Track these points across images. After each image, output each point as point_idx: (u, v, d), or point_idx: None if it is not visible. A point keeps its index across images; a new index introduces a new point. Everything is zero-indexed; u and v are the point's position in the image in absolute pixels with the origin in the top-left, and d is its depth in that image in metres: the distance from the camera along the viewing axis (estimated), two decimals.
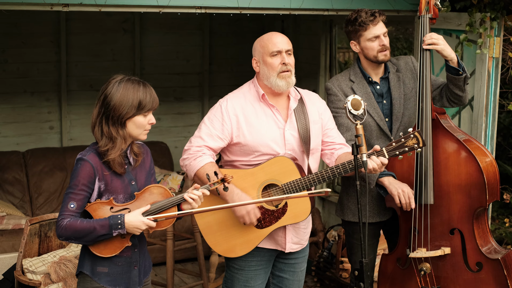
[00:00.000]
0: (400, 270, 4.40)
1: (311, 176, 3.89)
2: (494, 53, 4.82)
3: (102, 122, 3.39)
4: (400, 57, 4.54)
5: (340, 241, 5.71)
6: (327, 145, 4.14)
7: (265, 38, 4.00)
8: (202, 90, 7.75)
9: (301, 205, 3.94)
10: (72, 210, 3.35)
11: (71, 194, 3.36)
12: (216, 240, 4.00)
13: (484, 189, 4.10)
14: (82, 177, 3.35)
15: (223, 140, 3.95)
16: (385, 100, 4.39)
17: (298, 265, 4.19)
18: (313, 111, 4.08)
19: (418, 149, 3.82)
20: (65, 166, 6.94)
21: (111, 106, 3.35)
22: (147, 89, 3.42)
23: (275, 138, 3.96)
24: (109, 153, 3.37)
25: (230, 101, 4.00)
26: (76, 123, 7.27)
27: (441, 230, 4.23)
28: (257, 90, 4.01)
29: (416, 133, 3.81)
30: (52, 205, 6.80)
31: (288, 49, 3.95)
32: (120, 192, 3.44)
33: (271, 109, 3.99)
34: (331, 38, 7.13)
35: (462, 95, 4.29)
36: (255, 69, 4.02)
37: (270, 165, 3.93)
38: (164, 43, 7.55)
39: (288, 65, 3.92)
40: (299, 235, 4.11)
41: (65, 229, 3.33)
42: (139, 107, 3.37)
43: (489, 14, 4.75)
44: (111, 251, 3.40)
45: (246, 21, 7.70)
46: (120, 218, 3.33)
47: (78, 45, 7.18)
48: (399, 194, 4.14)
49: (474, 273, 4.18)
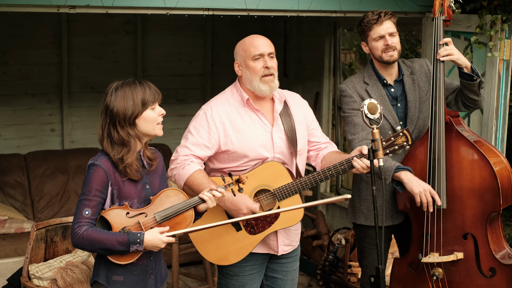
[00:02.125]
0: (412, 274, 4.35)
1: (302, 179, 3.86)
2: (504, 55, 4.78)
3: (110, 131, 3.35)
4: (415, 60, 4.50)
5: (348, 245, 5.66)
6: (312, 146, 4.12)
7: (247, 42, 3.95)
8: (204, 92, 7.70)
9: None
10: (87, 217, 3.29)
11: (84, 201, 3.30)
12: (208, 249, 3.94)
13: (498, 193, 4.05)
14: (95, 182, 3.30)
15: (210, 148, 3.87)
16: (400, 103, 4.35)
17: (290, 265, 4.15)
18: (297, 112, 4.05)
19: (407, 146, 3.82)
20: (66, 169, 6.87)
21: (115, 113, 3.32)
22: (144, 84, 3.39)
23: (264, 143, 3.91)
24: (125, 158, 3.33)
25: (214, 108, 3.91)
26: (78, 125, 7.21)
27: (454, 235, 4.18)
28: (240, 95, 3.95)
29: (405, 131, 3.81)
30: (54, 208, 6.74)
31: (270, 52, 3.90)
32: (134, 197, 3.39)
33: (256, 114, 3.93)
34: (335, 39, 7.08)
35: (478, 99, 4.25)
36: (238, 73, 3.97)
37: (261, 171, 3.88)
38: (166, 44, 7.49)
39: (271, 69, 3.86)
40: (290, 236, 4.08)
41: (82, 238, 3.27)
42: (143, 103, 3.34)
43: (500, 16, 4.71)
44: (128, 258, 3.34)
45: (248, 23, 7.65)
46: (139, 237, 3.28)
47: (79, 47, 7.12)
48: (420, 193, 4.06)
49: (487, 278, 4.14)
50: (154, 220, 3.37)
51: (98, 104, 7.14)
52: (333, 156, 3.98)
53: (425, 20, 5.34)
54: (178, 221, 3.42)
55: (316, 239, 6.61)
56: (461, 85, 4.25)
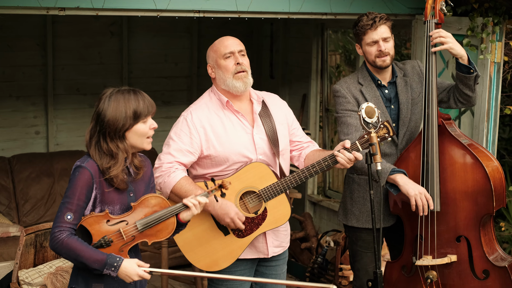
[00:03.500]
0: (405, 278, 4.35)
1: (288, 178, 3.86)
2: (496, 58, 4.79)
3: (99, 140, 3.28)
4: (407, 62, 4.49)
5: (339, 247, 5.65)
6: (294, 145, 4.12)
7: (216, 43, 3.99)
8: (190, 94, 7.66)
9: (281, 208, 3.90)
10: (69, 222, 3.21)
11: (68, 204, 3.22)
12: (197, 256, 3.91)
13: (491, 196, 4.06)
14: (80, 186, 3.22)
15: (193, 154, 3.85)
16: (393, 105, 4.34)
17: (279, 267, 4.14)
18: (277, 112, 4.05)
19: (389, 138, 3.81)
20: (52, 172, 6.80)
21: (105, 123, 3.24)
22: (139, 96, 3.30)
23: (245, 145, 3.90)
24: (111, 170, 3.25)
25: (194, 113, 3.90)
26: (63, 127, 7.14)
27: (447, 238, 4.18)
28: (219, 98, 3.94)
29: (386, 123, 3.80)
30: (39, 211, 6.66)
31: (240, 49, 3.92)
32: (116, 203, 3.31)
33: (236, 116, 3.92)
34: (323, 41, 7.07)
35: (472, 96, 4.25)
36: (211, 75, 3.97)
37: (245, 172, 3.87)
38: (152, 46, 7.44)
39: (242, 65, 3.87)
40: (279, 237, 4.06)
41: (61, 245, 3.18)
42: (135, 116, 3.26)
43: (492, 19, 4.72)
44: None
45: (234, 24, 7.61)
46: (118, 261, 3.19)
47: (64, 48, 7.05)
48: (416, 195, 4.06)
49: (481, 281, 4.14)
50: (136, 228, 3.30)
51: (84, 106, 7.19)
52: (316, 154, 3.99)
53: (415, 22, 5.34)
54: (160, 229, 3.35)
55: (304, 241, 6.60)
56: (456, 78, 4.23)
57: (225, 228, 3.87)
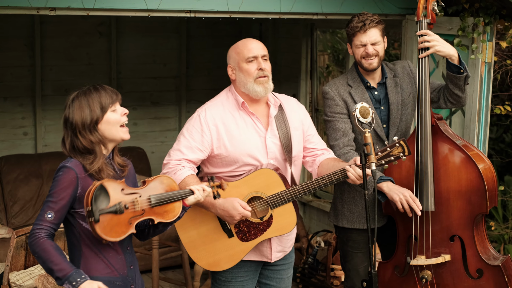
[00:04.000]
0: (397, 278, 4.35)
1: (296, 188, 3.83)
2: (486, 57, 4.80)
3: (74, 142, 3.26)
4: (397, 62, 4.49)
5: (330, 248, 5.64)
6: (309, 152, 4.08)
7: (240, 45, 3.92)
8: (179, 94, 7.63)
9: (286, 217, 3.88)
10: (49, 221, 3.18)
11: (50, 203, 3.20)
12: (200, 254, 3.90)
13: (484, 195, 4.07)
14: (64, 185, 3.19)
15: (203, 152, 3.85)
16: (383, 106, 4.34)
17: (284, 272, 4.13)
18: (293, 117, 4.01)
19: (404, 157, 3.78)
20: (40, 173, 6.75)
21: (74, 124, 3.25)
22: (100, 89, 3.30)
23: (257, 147, 3.87)
24: (92, 165, 3.23)
25: (209, 111, 3.89)
26: (51, 128, 7.09)
27: (441, 237, 4.19)
28: (235, 98, 3.91)
29: (402, 141, 3.77)
30: (28, 213, 6.61)
31: (263, 54, 3.88)
32: None
33: (251, 117, 3.90)
34: (312, 41, 7.07)
35: (462, 96, 4.25)
36: (231, 77, 3.93)
37: (254, 178, 3.85)
38: (141, 46, 7.40)
39: (265, 71, 3.84)
40: (282, 243, 4.05)
41: (37, 243, 3.15)
42: (101, 107, 3.26)
43: (483, 19, 4.73)
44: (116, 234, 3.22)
45: (223, 24, 7.60)
46: (80, 280, 3.10)
47: (53, 49, 6.99)
48: (401, 199, 4.07)
49: (475, 280, 4.15)
50: (149, 202, 3.28)
51: None
52: (330, 164, 3.94)
53: (405, 22, 5.35)
54: (167, 210, 3.34)
55: (294, 241, 6.58)
56: (447, 78, 4.23)
57: (230, 230, 3.87)
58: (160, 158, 7.51)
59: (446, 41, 4.28)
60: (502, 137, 8.35)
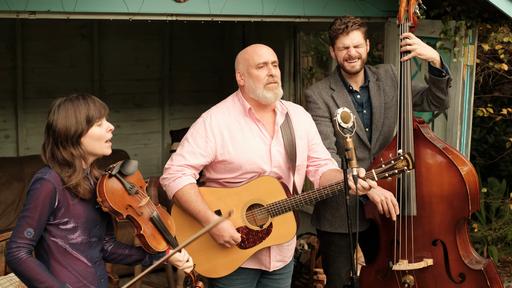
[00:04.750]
0: (380, 282, 4.34)
1: (297, 197, 3.80)
2: (468, 61, 4.80)
3: (53, 152, 3.14)
4: (380, 66, 4.48)
5: (314, 251, 5.63)
6: (312, 161, 4.04)
7: (250, 51, 3.87)
8: (162, 97, 7.59)
9: (286, 226, 3.85)
10: (29, 239, 3.05)
11: (28, 219, 3.05)
12: (198, 260, 3.86)
13: (466, 199, 4.07)
14: (42, 199, 3.06)
15: (206, 157, 3.82)
16: (365, 110, 4.33)
17: (282, 281, 4.10)
18: (299, 126, 3.97)
19: (408, 171, 3.75)
20: (22, 176, 6.70)
21: (56, 132, 3.12)
22: (89, 100, 3.18)
23: (261, 155, 3.83)
24: (71, 178, 3.12)
25: (214, 117, 3.84)
26: (33, 131, 7.03)
27: (423, 242, 4.18)
28: (242, 104, 3.87)
29: (406, 155, 3.74)
30: (9, 217, 6.55)
31: (274, 60, 3.85)
32: (82, 217, 3.19)
33: (257, 124, 3.86)
34: (295, 43, 7.05)
35: (445, 99, 4.25)
36: (239, 83, 3.87)
37: (255, 185, 3.82)
38: (123, 48, 7.36)
39: (275, 77, 3.80)
40: (282, 252, 4.02)
41: (19, 262, 3.04)
42: (87, 120, 3.15)
43: (464, 22, 4.73)
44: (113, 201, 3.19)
45: (206, 27, 7.57)
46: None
47: (34, 51, 6.93)
48: (382, 201, 4.06)
49: (457, 284, 4.15)
50: (151, 213, 3.29)
51: None
52: (332, 175, 3.90)
53: (388, 25, 5.34)
54: (156, 237, 3.32)
55: None
56: (429, 81, 4.23)
57: None
58: (143, 161, 7.47)
59: (429, 44, 4.29)
60: (486, 138, 8.37)
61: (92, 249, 3.26)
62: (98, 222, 3.26)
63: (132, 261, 3.42)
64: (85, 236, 3.21)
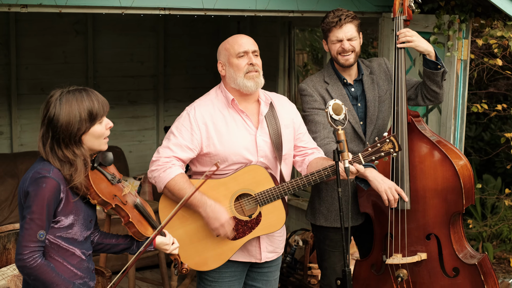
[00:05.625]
0: (374, 276, 4.32)
1: (285, 184, 3.78)
2: (462, 55, 4.79)
3: (53, 147, 3.04)
4: (373, 59, 4.47)
5: (308, 246, 5.61)
6: (299, 151, 4.02)
7: (230, 41, 3.87)
8: (157, 93, 7.57)
9: (276, 214, 3.82)
10: (42, 241, 2.99)
11: (37, 221, 2.97)
12: (187, 253, 3.83)
13: (460, 193, 4.05)
14: (48, 200, 2.97)
15: (192, 150, 3.79)
16: (360, 103, 4.31)
17: (271, 274, 4.08)
18: (284, 115, 3.95)
19: (394, 153, 3.74)
20: (16, 172, 6.67)
21: (58, 128, 3.01)
22: (92, 96, 3.08)
23: (247, 146, 3.82)
24: (74, 177, 3.04)
25: (198, 109, 3.83)
26: (27, 128, 7.01)
27: (417, 236, 4.16)
28: (225, 96, 3.86)
29: (392, 137, 3.72)
30: (3, 213, 6.53)
31: (254, 49, 3.84)
32: (80, 213, 3.14)
33: (240, 115, 3.84)
34: (290, 40, 7.04)
35: (439, 92, 4.23)
36: (221, 73, 3.87)
37: (242, 174, 3.79)
38: (118, 45, 7.33)
39: (255, 66, 3.80)
40: (274, 243, 3.99)
41: (36, 269, 2.98)
42: (90, 118, 3.05)
43: (458, 16, 4.72)
44: (100, 191, 3.16)
45: (201, 23, 7.55)
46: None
47: (28, 47, 6.91)
48: (386, 191, 4.01)
49: (451, 278, 4.13)
50: (135, 200, 3.28)
51: None
52: (319, 162, 3.88)
53: (382, 20, 5.32)
54: (142, 223, 3.30)
55: None
56: (424, 75, 4.21)
57: None
58: (138, 157, 7.46)
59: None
60: (481, 135, 8.37)
61: (85, 243, 3.24)
62: (92, 217, 3.24)
63: (119, 250, 3.39)
64: (81, 231, 3.18)
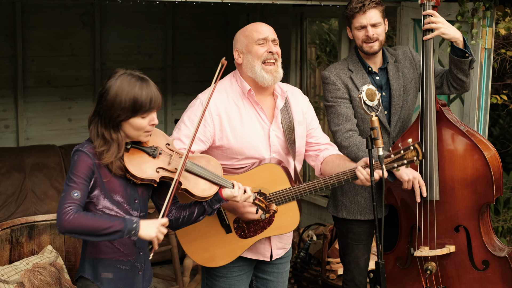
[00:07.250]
0: (400, 270, 4.21)
1: (301, 186, 3.63)
2: (486, 43, 4.68)
3: (97, 121, 3.11)
4: (398, 47, 4.35)
5: (326, 240, 5.49)
6: (311, 146, 3.89)
7: (249, 28, 3.75)
8: (165, 86, 7.44)
9: (289, 215, 3.69)
10: (77, 199, 3.02)
11: (72, 183, 3.03)
12: (195, 249, 3.72)
13: (491, 183, 3.93)
14: (82, 167, 3.05)
15: (204, 142, 3.64)
16: (384, 92, 4.19)
17: (282, 266, 3.96)
18: (297, 110, 3.82)
19: (417, 161, 3.57)
20: (22, 166, 6.53)
21: (104, 106, 3.06)
22: (144, 86, 3.06)
23: (260, 140, 3.69)
24: (104, 156, 3.08)
25: (211, 99, 3.69)
26: (33, 121, 6.89)
27: (446, 227, 4.05)
28: (241, 85, 3.71)
29: (416, 144, 3.55)
30: (10, 208, 6.39)
31: (274, 38, 3.72)
32: (118, 191, 3.14)
33: (255, 108, 3.70)
34: (302, 31, 6.91)
35: (466, 81, 4.11)
36: (237, 61, 3.73)
37: (258, 172, 3.66)
38: (125, 37, 7.20)
39: (274, 54, 3.67)
40: (283, 240, 3.89)
41: (76, 219, 2.97)
42: (133, 108, 3.04)
43: (483, 3, 4.61)
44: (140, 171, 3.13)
45: (209, 15, 7.43)
46: (136, 223, 3.02)
47: (34, 39, 6.77)
48: (409, 180, 3.88)
49: (480, 271, 4.02)
50: (185, 165, 3.19)
51: (55, 99, 6.93)
52: (336, 162, 3.75)
53: (400, 9, 5.22)
54: (199, 184, 3.24)
55: None
56: (450, 63, 4.09)
57: (228, 226, 3.69)
58: None
59: None
60: (490, 130, 8.28)
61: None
62: (137, 197, 3.20)
63: (197, 217, 3.32)
64: (124, 210, 3.16)
